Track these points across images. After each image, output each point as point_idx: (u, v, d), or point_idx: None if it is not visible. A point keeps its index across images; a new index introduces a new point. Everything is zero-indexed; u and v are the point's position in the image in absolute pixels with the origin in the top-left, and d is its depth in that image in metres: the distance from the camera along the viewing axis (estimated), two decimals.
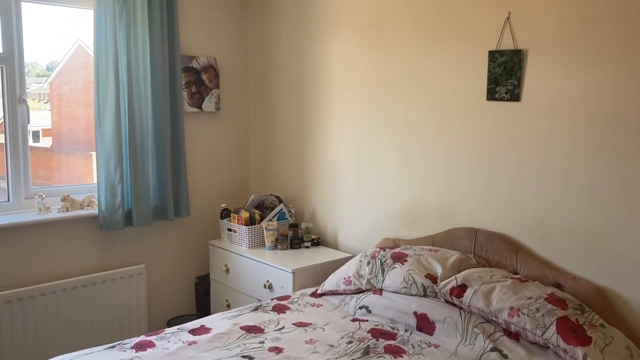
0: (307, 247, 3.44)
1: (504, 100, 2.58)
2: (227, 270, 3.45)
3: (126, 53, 3.18)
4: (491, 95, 2.63)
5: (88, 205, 3.31)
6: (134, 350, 2.22)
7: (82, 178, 3.73)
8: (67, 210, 3.21)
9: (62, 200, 3.21)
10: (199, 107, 3.65)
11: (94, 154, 3.30)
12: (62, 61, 3.61)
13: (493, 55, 2.60)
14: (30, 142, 3.30)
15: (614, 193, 2.28)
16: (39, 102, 3.70)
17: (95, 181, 3.31)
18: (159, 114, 3.35)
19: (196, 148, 3.69)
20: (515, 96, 2.54)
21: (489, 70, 2.62)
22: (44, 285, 3.06)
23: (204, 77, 3.65)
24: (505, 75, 2.56)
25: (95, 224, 3.26)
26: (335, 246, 3.48)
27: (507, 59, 2.55)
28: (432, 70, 2.87)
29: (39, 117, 3.65)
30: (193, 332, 2.42)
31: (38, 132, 3.65)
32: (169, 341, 2.32)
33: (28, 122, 3.15)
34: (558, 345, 2.05)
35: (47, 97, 3.69)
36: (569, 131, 2.39)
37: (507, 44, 2.55)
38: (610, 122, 2.27)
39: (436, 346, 2.27)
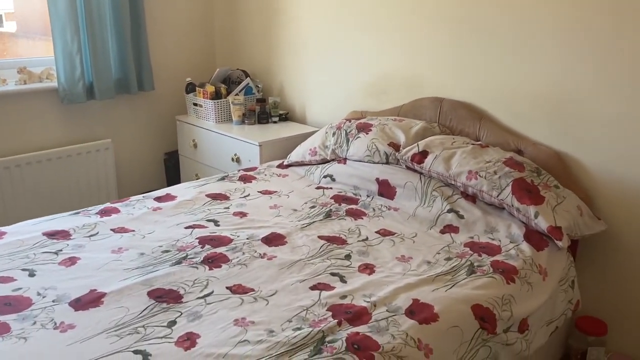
0: (274, 122, 3.41)
1: None
2: (195, 145, 3.44)
3: None
4: None
5: (47, 78, 3.19)
6: (98, 216, 2.25)
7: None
8: (25, 83, 3.10)
9: (18, 72, 3.09)
10: None
11: None
12: None
13: None
14: None
15: (573, 60, 2.25)
16: None
17: (52, 54, 3.17)
18: None
19: (157, 17, 3.52)
20: None
21: None
22: (6, 159, 3.02)
23: None
24: None
25: (56, 97, 3.17)
26: (303, 121, 3.46)
27: None
28: None
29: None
30: (158, 199, 2.44)
31: (0, 15, 3.43)
32: (134, 207, 2.34)
33: None
34: (512, 205, 2.12)
35: None
36: None
37: None
38: None
39: (396, 209, 2.34)
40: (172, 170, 3.75)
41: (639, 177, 2.18)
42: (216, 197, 2.48)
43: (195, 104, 3.47)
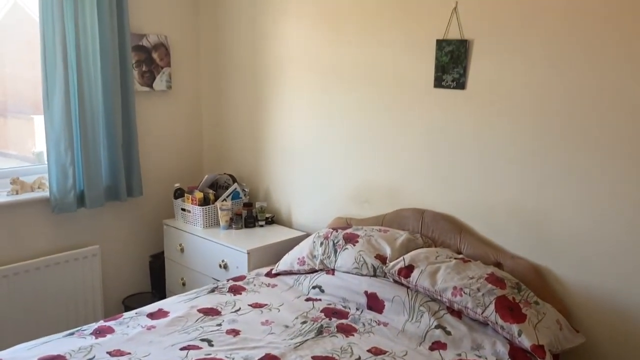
0: (261, 226, 3.51)
1: (450, 88, 2.69)
2: (182, 250, 3.50)
3: (74, 32, 3.10)
4: (438, 82, 2.73)
5: (39, 188, 3.26)
6: (93, 337, 2.27)
7: (25, 144, 3.59)
8: (17, 193, 3.17)
9: (11, 183, 3.16)
10: (150, 86, 3.61)
11: (35, 117, 3.16)
12: None
13: (440, 44, 2.69)
14: None
15: (546, 176, 2.44)
16: None
17: (40, 151, 3.24)
18: (110, 94, 3.31)
19: (148, 127, 3.67)
20: (460, 84, 2.65)
21: (436, 59, 2.71)
22: None
23: (155, 55, 3.60)
24: (451, 63, 2.66)
25: (46, 206, 3.23)
26: (289, 224, 3.57)
27: (454, 48, 2.64)
28: (382, 58, 2.94)
29: None
30: (151, 316, 2.48)
31: None
32: (128, 326, 2.37)
33: None
34: (496, 323, 2.22)
35: None
36: (507, 118, 2.53)
37: (454, 34, 2.64)
38: (543, 109, 2.42)
39: (385, 324, 2.42)
40: (157, 273, 3.78)
41: (611, 287, 2.32)
42: (208, 312, 2.52)
43: (183, 209, 3.56)
